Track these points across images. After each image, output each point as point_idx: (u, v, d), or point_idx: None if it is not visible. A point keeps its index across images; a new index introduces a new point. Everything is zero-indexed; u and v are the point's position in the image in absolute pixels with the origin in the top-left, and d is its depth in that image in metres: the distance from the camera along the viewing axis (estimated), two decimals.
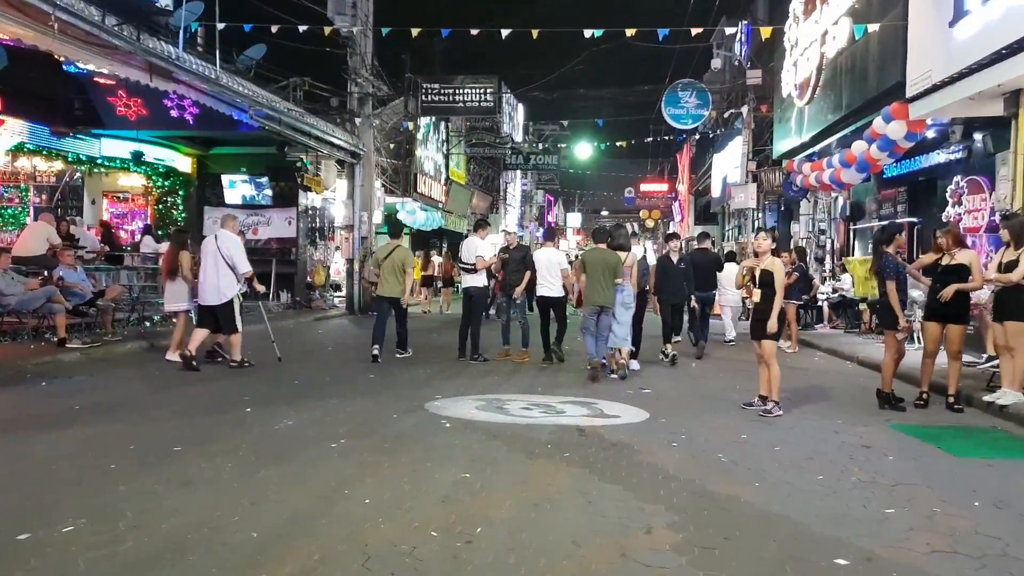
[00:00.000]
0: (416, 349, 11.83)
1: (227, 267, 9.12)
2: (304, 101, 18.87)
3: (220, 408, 7.01)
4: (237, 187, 20.56)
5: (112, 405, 7.06)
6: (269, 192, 20.49)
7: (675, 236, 11.19)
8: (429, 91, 23.48)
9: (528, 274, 10.82)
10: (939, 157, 12.97)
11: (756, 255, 7.65)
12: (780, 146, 17.87)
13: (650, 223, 55.19)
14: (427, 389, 8.33)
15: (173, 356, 9.52)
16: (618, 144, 24.59)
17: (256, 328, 11.29)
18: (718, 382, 9.36)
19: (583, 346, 9.61)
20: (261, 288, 10.68)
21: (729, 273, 12.85)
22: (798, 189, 17.34)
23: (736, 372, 9.97)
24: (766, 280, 7.38)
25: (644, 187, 53.58)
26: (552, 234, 12.33)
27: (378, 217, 22.11)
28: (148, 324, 13.59)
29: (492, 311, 16.79)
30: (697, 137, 37.90)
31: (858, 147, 12.70)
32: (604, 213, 65.02)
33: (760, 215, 24.29)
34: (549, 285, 10.41)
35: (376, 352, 10.30)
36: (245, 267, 9.32)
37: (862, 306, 15.50)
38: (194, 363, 9.01)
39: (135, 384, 8.35)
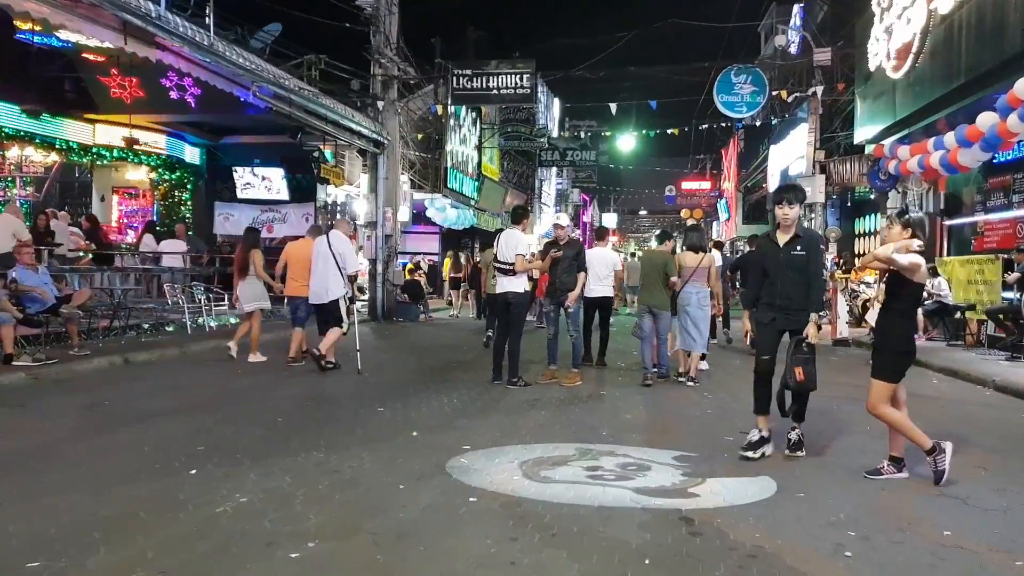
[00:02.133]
0: (442, 367, 9.72)
1: (337, 267, 9.23)
2: (321, 82, 16.92)
3: (146, 470, 4.94)
4: (250, 180, 18.68)
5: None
6: (285, 186, 18.57)
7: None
8: (461, 77, 21.34)
9: (583, 276, 8.66)
10: None
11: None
12: (863, 130, 15.45)
13: (691, 223, 52.46)
14: (453, 433, 6.20)
15: (256, 357, 9.98)
16: (668, 132, 22.05)
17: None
18: (818, 425, 7.07)
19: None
20: (360, 293, 11.37)
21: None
22: (887, 178, 14.89)
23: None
24: (896, 286, 5.12)
25: (686, 185, 51.06)
26: (604, 233, 11.77)
27: (405, 214, 20.10)
28: (135, 334, 11.68)
29: (532, 317, 14.67)
30: (743, 127, 35.51)
31: (986, 120, 10.28)
32: (643, 213, 62.56)
33: (815, 214, 21.78)
34: (601, 286, 9.99)
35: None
36: (354, 266, 9.65)
37: (970, 314, 13.05)
38: (329, 362, 9.46)
39: (67, 422, 6.34)
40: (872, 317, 11.47)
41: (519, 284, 8.56)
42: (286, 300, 10.59)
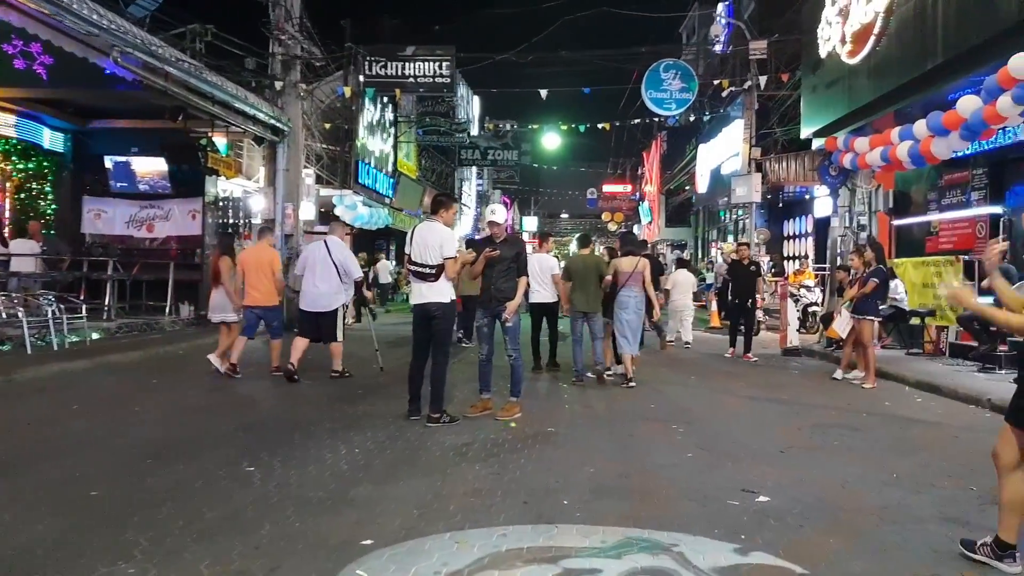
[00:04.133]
0: (347, 396, 7.76)
1: (336, 274, 8.91)
2: (208, 56, 14.61)
3: None
4: (125, 171, 16.10)
5: None
6: (167, 178, 16.08)
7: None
8: (374, 63, 19.26)
9: (524, 282, 6.89)
10: None
11: None
12: (811, 123, 14.26)
13: (612, 226, 51.63)
14: (348, 513, 4.32)
15: (220, 365, 9.39)
16: (599, 126, 20.58)
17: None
18: (829, 466, 5.52)
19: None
20: (370, 295, 10.98)
21: (683, 280, 14.75)
22: (837, 173, 13.75)
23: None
24: None
25: (607, 188, 50.21)
26: (547, 236, 11.34)
27: (309, 211, 17.88)
28: None
29: (460, 334, 12.77)
30: (667, 129, 34.60)
31: (968, 105, 9.07)
32: (564, 216, 61.44)
33: (748, 214, 20.79)
34: (543, 291, 9.84)
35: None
36: (357, 272, 9.31)
37: (929, 321, 11.97)
38: (296, 376, 8.86)
39: None
40: (840, 326, 10.13)
41: (444, 292, 6.70)
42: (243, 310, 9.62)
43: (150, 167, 16.10)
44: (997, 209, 11.86)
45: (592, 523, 4.16)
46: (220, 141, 15.23)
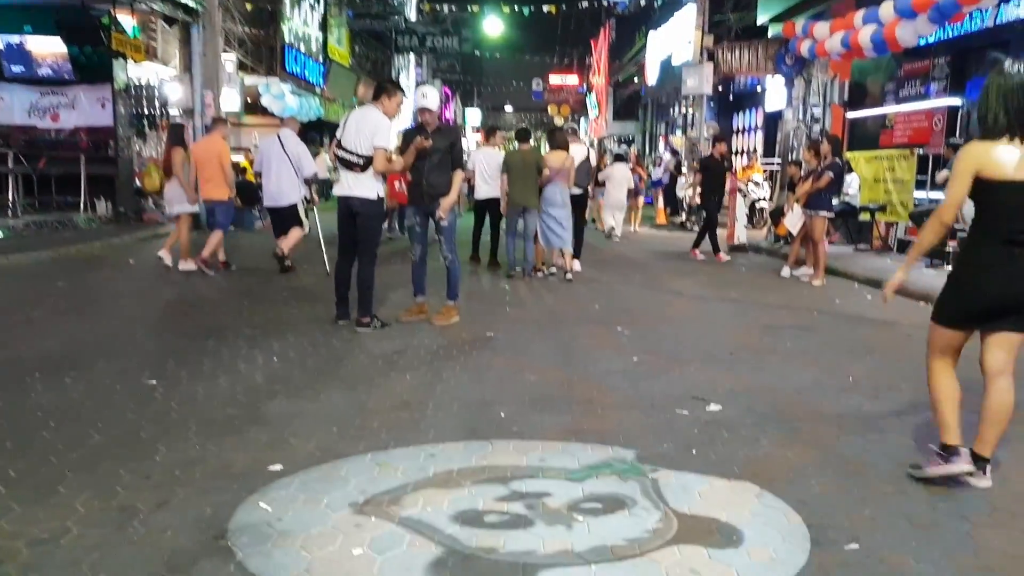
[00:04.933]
0: (270, 300, 7.16)
1: (292, 168, 8.65)
2: None
3: None
4: (19, 53, 14.51)
5: None
6: (69, 62, 14.55)
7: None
8: None
9: (460, 176, 6.27)
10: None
11: None
12: (769, 8, 13.55)
13: (559, 120, 50.39)
14: (257, 433, 3.82)
15: (186, 264, 9.08)
16: (544, 9, 19.41)
17: None
18: (769, 368, 5.25)
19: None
20: (316, 198, 10.29)
21: (619, 175, 14.05)
22: (793, 62, 13.19)
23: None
24: None
25: (553, 79, 48.60)
26: (494, 131, 10.94)
27: (233, 101, 16.61)
28: None
29: (395, 225, 12.32)
30: (614, 16, 33.20)
31: None
32: (509, 109, 59.66)
33: (697, 107, 20.18)
34: (490, 187, 9.65)
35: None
36: (310, 169, 9.01)
37: (880, 216, 11.82)
38: (287, 262, 8.90)
39: None
40: (791, 222, 9.82)
41: (371, 186, 6.05)
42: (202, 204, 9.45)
43: (48, 48, 14.53)
44: (956, 101, 11.52)
45: (531, 437, 3.77)
46: (127, 21, 13.77)
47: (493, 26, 28.30)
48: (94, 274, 9.05)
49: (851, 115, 14.01)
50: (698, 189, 12.62)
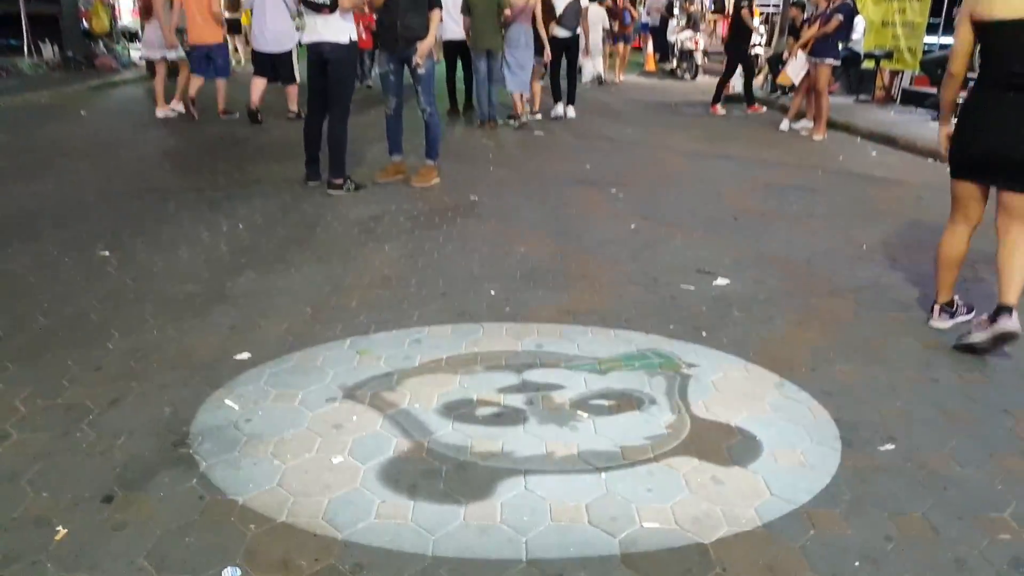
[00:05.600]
0: (235, 157, 6.58)
1: (287, 12, 7.92)
2: None
3: None
4: None
5: None
6: None
7: None
8: None
9: (438, 17, 5.58)
10: None
11: None
12: None
13: None
14: (222, 313, 3.44)
15: (162, 111, 8.83)
16: None
17: None
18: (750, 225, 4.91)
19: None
20: None
21: (592, 16, 12.42)
22: None
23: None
24: None
25: None
26: None
27: None
28: None
29: (371, 74, 11.50)
30: None
31: None
32: None
33: None
34: (458, 27, 8.88)
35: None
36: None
37: (885, 64, 11.17)
38: (260, 116, 8.50)
39: None
40: (793, 71, 9.17)
41: (342, 29, 5.36)
42: (191, 49, 8.88)
43: None
44: None
45: (525, 319, 3.43)
46: None
47: None
48: (41, 128, 8.30)
49: None
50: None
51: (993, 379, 3.01)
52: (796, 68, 9.11)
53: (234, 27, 13.72)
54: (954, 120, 3.35)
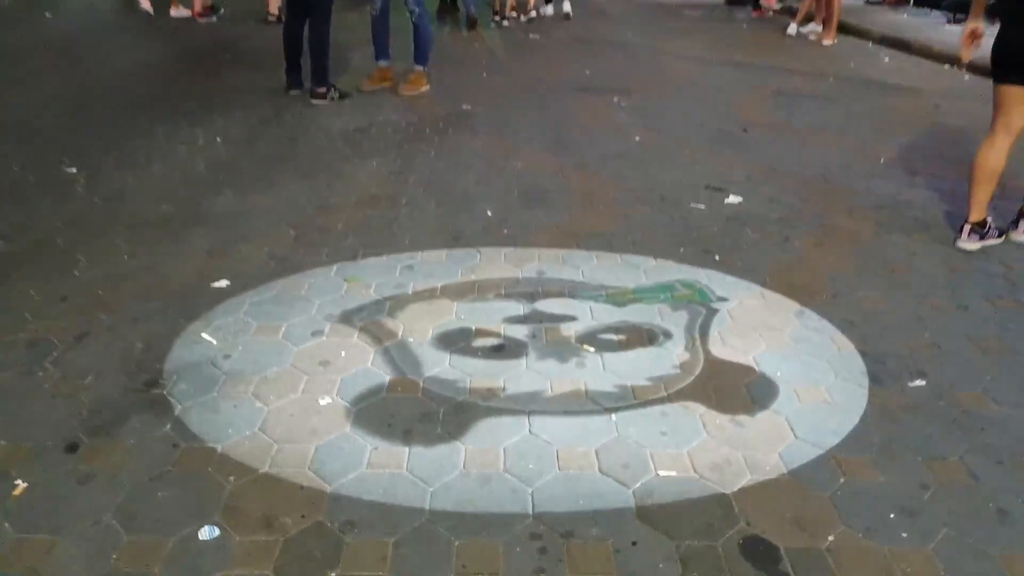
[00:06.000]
0: (211, 65, 6.17)
1: None
2: None
3: None
4: None
5: None
6: None
7: None
8: None
9: None
10: None
11: None
12: None
13: None
14: (198, 236, 3.19)
15: (178, 12, 8.26)
16: None
17: None
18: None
19: None
20: None
21: None
22: None
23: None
24: None
25: None
26: None
27: None
28: None
29: None
30: None
31: None
32: None
33: None
34: None
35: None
36: None
37: None
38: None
39: None
40: None
41: None
42: None
43: None
44: None
45: (525, 243, 3.20)
46: None
47: None
48: (2, 33, 7.78)
49: None
50: None
51: None
52: None
53: None
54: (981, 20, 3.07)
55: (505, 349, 2.42)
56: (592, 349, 2.42)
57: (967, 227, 3.22)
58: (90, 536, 1.67)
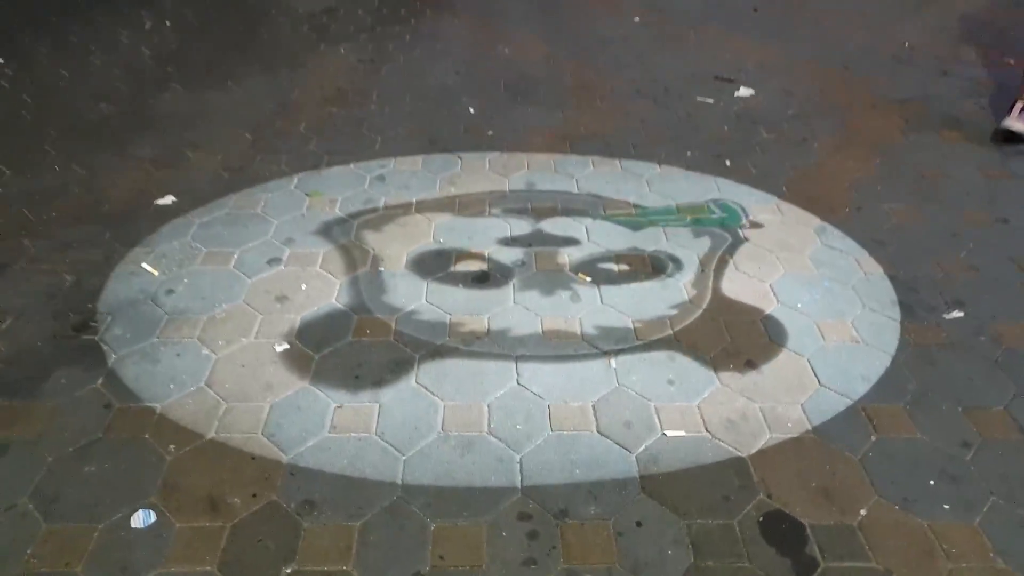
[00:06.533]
0: None
1: None
2: None
3: None
4: None
5: None
6: None
7: None
8: None
9: None
10: None
11: None
12: None
13: None
14: (141, 142, 2.82)
15: None
16: None
17: None
18: None
19: None
20: None
21: None
22: None
23: None
24: None
25: None
26: None
27: None
28: None
29: None
30: None
31: None
32: None
33: None
34: None
35: None
36: None
37: None
38: None
39: None
40: None
41: None
42: None
43: None
44: None
45: (511, 147, 2.84)
46: None
47: None
48: None
49: None
50: None
51: None
52: None
53: None
54: None
55: (489, 279, 2.13)
56: (588, 279, 2.13)
57: (1019, 105, 2.86)
58: (1, 526, 1.42)
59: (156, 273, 2.12)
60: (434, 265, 2.17)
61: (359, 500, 1.49)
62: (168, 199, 2.45)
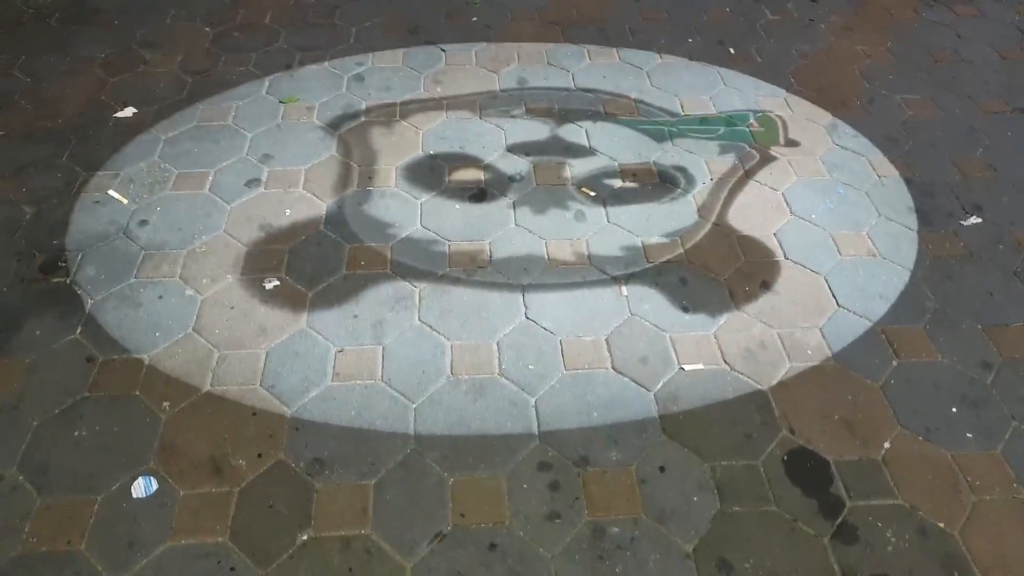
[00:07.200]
0: None
1: None
2: None
3: None
4: None
5: None
6: None
7: None
8: None
9: None
10: None
11: None
12: None
13: None
14: (85, 34, 2.53)
15: None
16: None
17: None
18: None
19: None
20: None
21: None
22: None
23: None
24: None
25: None
26: None
27: None
28: None
29: None
30: None
31: None
32: None
33: None
34: None
35: None
36: None
37: None
38: None
39: None
40: None
41: None
42: None
43: None
44: None
45: (499, 37, 2.61)
46: None
47: None
48: None
49: None
50: None
51: None
52: None
53: None
54: None
55: (487, 196, 1.99)
56: (593, 194, 2.00)
57: None
58: None
59: (125, 202, 1.95)
60: (427, 181, 2.02)
61: (371, 455, 1.43)
62: (128, 111, 2.23)
